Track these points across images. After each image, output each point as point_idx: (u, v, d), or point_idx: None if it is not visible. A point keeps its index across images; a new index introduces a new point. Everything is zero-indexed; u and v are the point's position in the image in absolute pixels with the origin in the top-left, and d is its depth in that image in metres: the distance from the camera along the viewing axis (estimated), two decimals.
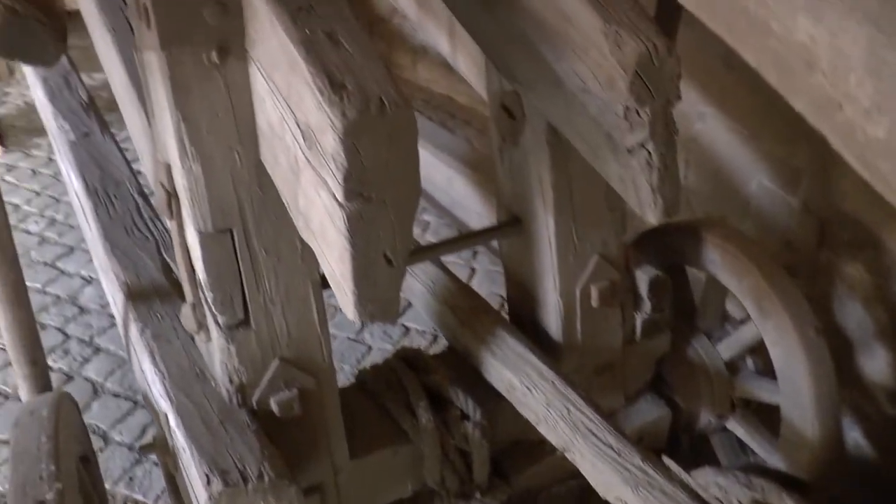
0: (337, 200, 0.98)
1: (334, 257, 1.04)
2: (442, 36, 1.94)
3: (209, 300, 1.29)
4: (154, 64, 1.16)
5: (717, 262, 1.73)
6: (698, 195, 2.72)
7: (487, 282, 2.90)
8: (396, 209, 1.01)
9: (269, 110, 1.13)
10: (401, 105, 0.97)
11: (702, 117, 2.47)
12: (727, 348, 1.81)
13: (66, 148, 2.11)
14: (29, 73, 2.78)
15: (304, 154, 1.03)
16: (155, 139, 1.28)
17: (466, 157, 2.22)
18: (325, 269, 1.10)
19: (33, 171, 3.68)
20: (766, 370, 1.74)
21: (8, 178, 3.63)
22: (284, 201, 1.17)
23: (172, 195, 1.26)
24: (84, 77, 3.17)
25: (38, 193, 3.51)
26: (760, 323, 1.65)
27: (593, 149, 1.30)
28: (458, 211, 2.22)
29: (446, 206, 2.25)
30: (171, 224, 1.30)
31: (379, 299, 1.05)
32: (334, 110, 0.94)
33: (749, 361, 1.84)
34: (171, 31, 1.10)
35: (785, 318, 1.61)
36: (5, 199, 3.46)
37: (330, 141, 0.96)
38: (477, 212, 2.10)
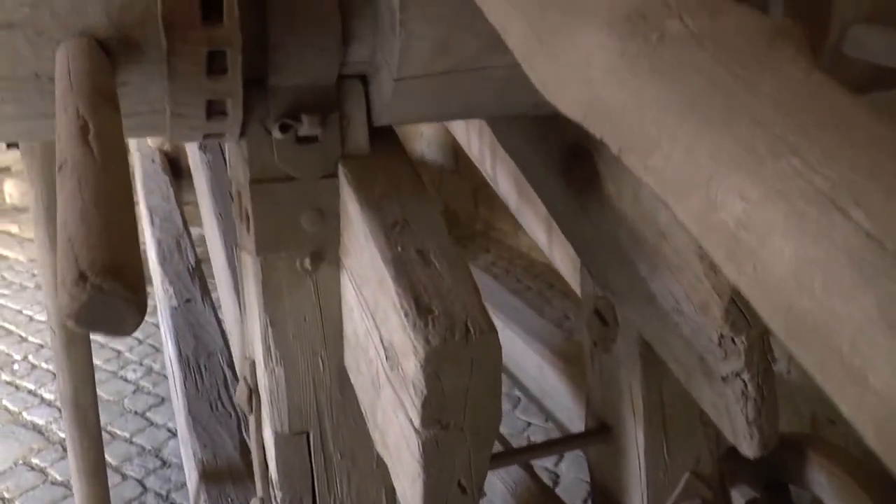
0: (413, 426, 0.95)
1: (407, 478, 1.01)
2: (539, 227, 1.95)
3: (279, 499, 1.27)
4: (248, 265, 1.18)
5: (824, 486, 1.60)
6: (802, 393, 2.57)
7: (575, 467, 2.79)
8: (474, 437, 0.98)
9: (356, 320, 1.13)
10: (486, 331, 0.95)
11: None
12: None
13: (168, 313, 2.19)
14: (147, 232, 2.94)
15: (385, 372, 1.02)
16: (244, 333, 1.30)
17: (560, 346, 2.19)
18: (397, 486, 1.06)
19: None
20: None
21: None
22: (363, 410, 1.15)
23: (254, 391, 1.26)
24: (196, 230, 3.34)
25: (140, 342, 3.64)
26: None
27: (686, 370, 1.24)
28: (547, 402, 2.17)
29: (536, 395, 2.21)
30: (250, 418, 1.30)
31: None
32: (418, 336, 0.93)
33: None
34: (267, 237, 1.13)
35: None
36: (110, 344, 3.62)
37: (411, 366, 0.94)
38: (567, 406, 2.04)
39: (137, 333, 3.71)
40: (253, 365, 1.25)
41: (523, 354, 2.21)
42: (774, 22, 0.58)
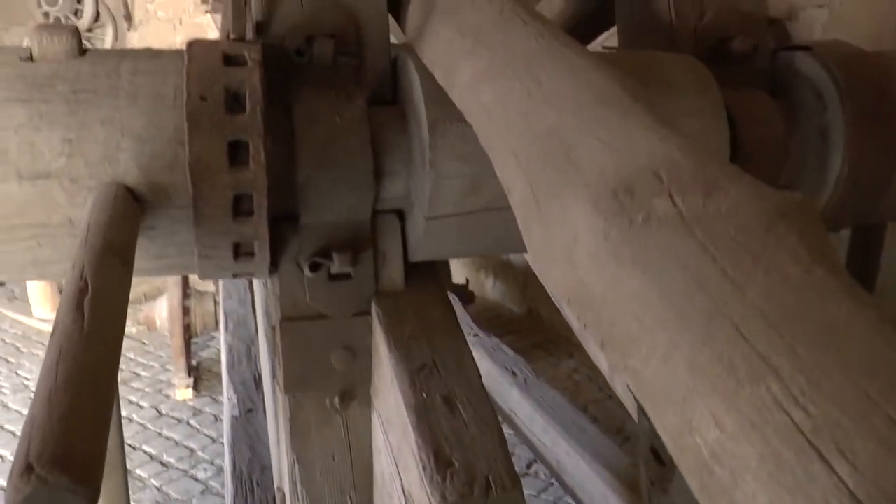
0: None
1: None
2: (601, 355, 1.87)
3: None
4: (279, 399, 1.16)
5: None
6: None
7: None
8: None
9: (383, 462, 1.08)
10: (508, 487, 0.90)
11: None
12: None
13: (229, 423, 2.18)
14: (221, 336, 2.98)
15: None
16: (278, 463, 1.27)
17: (626, 472, 2.08)
18: None
19: (215, 418, 3.85)
20: None
21: (192, 421, 3.82)
22: None
23: None
24: None
25: (213, 440, 3.65)
26: None
27: None
28: None
29: None
30: None
31: None
32: (434, 490, 0.88)
33: None
34: (296, 376, 1.10)
35: None
36: (184, 442, 3.65)
37: None
38: None
39: (211, 432, 3.73)
40: (283, 496, 1.22)
41: (588, 479, 2.11)
42: (780, 200, 0.53)
